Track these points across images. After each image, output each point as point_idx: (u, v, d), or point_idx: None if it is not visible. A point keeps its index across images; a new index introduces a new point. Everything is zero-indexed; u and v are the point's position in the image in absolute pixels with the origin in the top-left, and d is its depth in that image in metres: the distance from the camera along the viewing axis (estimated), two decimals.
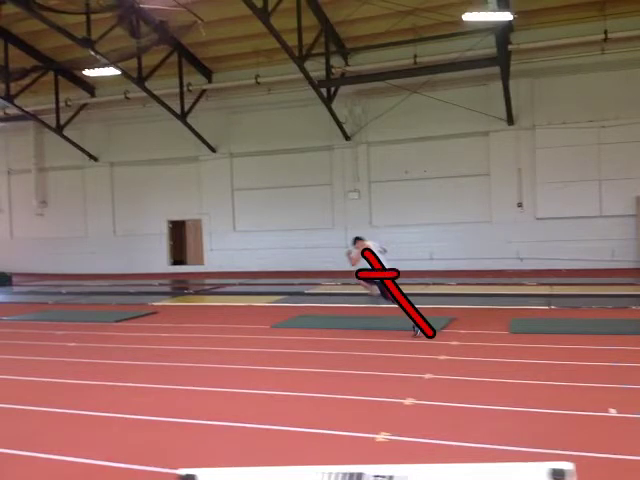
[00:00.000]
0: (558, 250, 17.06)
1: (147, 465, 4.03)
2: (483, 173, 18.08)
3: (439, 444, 4.23)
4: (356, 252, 8.45)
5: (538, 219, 17.56)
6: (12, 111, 20.80)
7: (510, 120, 17.46)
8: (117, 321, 10.66)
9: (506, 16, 13.72)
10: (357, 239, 8.90)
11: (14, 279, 19.30)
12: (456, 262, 17.80)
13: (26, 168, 23.01)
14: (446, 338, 7.82)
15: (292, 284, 15.89)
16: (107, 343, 8.66)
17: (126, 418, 5.09)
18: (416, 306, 7.96)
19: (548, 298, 11.22)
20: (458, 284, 14.28)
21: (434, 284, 14.33)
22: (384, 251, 8.59)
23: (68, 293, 15.79)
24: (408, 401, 5.12)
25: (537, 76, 17.36)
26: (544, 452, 3.93)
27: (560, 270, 16.50)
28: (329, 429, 4.53)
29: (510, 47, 16.25)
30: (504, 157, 17.81)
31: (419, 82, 17.44)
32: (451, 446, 4.20)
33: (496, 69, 16.09)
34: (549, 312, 9.94)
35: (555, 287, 13.01)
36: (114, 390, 6.05)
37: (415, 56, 17.30)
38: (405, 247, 18.29)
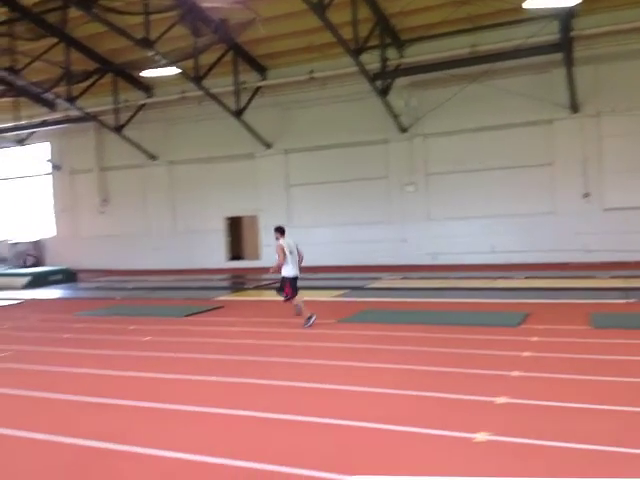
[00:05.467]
0: (628, 242, 16.34)
1: (243, 460, 4.05)
2: (546, 163, 17.50)
3: (541, 445, 4.09)
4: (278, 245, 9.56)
5: (606, 210, 16.87)
6: (74, 113, 21.44)
7: (574, 108, 16.83)
8: (186, 315, 10.86)
9: (571, 1, 13.20)
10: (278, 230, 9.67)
11: (80, 275, 19.95)
12: (518, 255, 17.29)
13: (88, 168, 23.70)
14: (525, 334, 7.58)
15: (351, 279, 15.83)
16: (181, 337, 8.82)
17: (214, 413, 5.13)
18: None
19: (625, 291, 10.77)
20: (526, 278, 13.88)
21: (500, 278, 13.97)
22: (295, 251, 9.62)
23: (134, 288, 16.18)
24: (500, 400, 4.98)
25: (601, 62, 16.65)
26: None
27: (630, 263, 15.81)
28: (424, 428, 4.45)
29: (573, 33, 15.63)
30: (568, 146, 17.19)
31: (477, 71, 17.01)
32: (554, 447, 4.05)
33: (558, 56, 15.55)
34: (628, 306, 9.54)
35: (630, 280, 12.49)
36: (201, 385, 6.13)
37: (473, 45, 16.86)
38: (465, 240, 17.97)
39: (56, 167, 24.47)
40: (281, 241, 9.50)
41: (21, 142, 23.98)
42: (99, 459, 4.28)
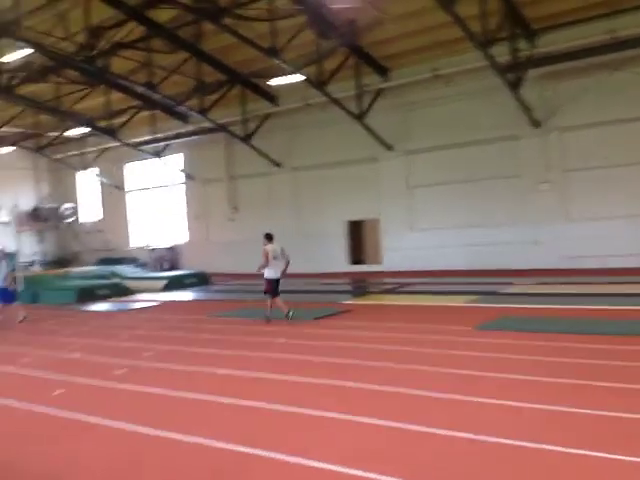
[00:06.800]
0: None
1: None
2: None
3: None
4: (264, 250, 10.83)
5: None
6: (205, 124, 22.59)
7: None
8: (316, 319, 10.88)
9: None
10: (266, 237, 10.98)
11: (212, 279, 20.89)
12: None
13: (218, 177, 24.85)
14: None
15: (481, 283, 15.09)
16: (313, 340, 8.79)
17: (357, 422, 4.96)
18: None
19: None
20: None
21: None
22: (280, 256, 10.85)
23: (261, 291, 16.54)
24: None
25: None
26: None
27: None
28: (594, 450, 3.96)
29: None
30: None
31: (619, 59, 15.63)
32: None
33: None
34: None
35: None
36: (341, 391, 6.00)
37: (612, 30, 15.45)
38: (608, 242, 16.48)
39: (189, 177, 25.91)
40: (267, 246, 10.85)
41: (158, 154, 25.66)
42: (238, 463, 4.25)
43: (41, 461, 4.52)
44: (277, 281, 10.81)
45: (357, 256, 22.54)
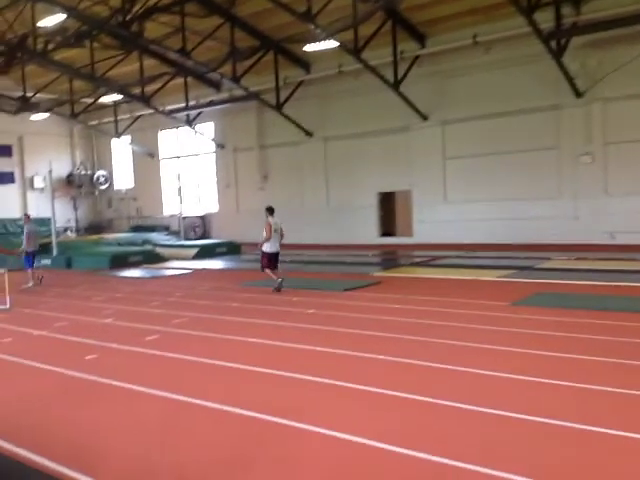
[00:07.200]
0: None
1: (426, 452, 3.70)
2: None
3: None
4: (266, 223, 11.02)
5: None
6: (237, 92, 22.36)
7: None
8: (346, 290, 10.77)
9: None
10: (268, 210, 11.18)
11: (243, 248, 20.94)
12: None
13: (249, 146, 24.68)
14: None
15: (516, 258, 14.75)
16: (344, 312, 8.70)
17: (387, 395, 4.85)
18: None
19: None
20: None
21: None
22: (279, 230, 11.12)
23: (290, 261, 16.54)
24: None
25: None
26: None
27: None
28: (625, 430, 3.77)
29: None
30: None
31: None
32: None
33: None
34: None
35: None
36: (370, 363, 5.90)
37: None
38: None
39: (220, 146, 25.82)
40: (269, 219, 10.97)
41: (190, 122, 25.58)
42: (272, 433, 4.20)
43: (68, 426, 4.52)
44: (276, 255, 11.05)
45: (387, 228, 22.28)
